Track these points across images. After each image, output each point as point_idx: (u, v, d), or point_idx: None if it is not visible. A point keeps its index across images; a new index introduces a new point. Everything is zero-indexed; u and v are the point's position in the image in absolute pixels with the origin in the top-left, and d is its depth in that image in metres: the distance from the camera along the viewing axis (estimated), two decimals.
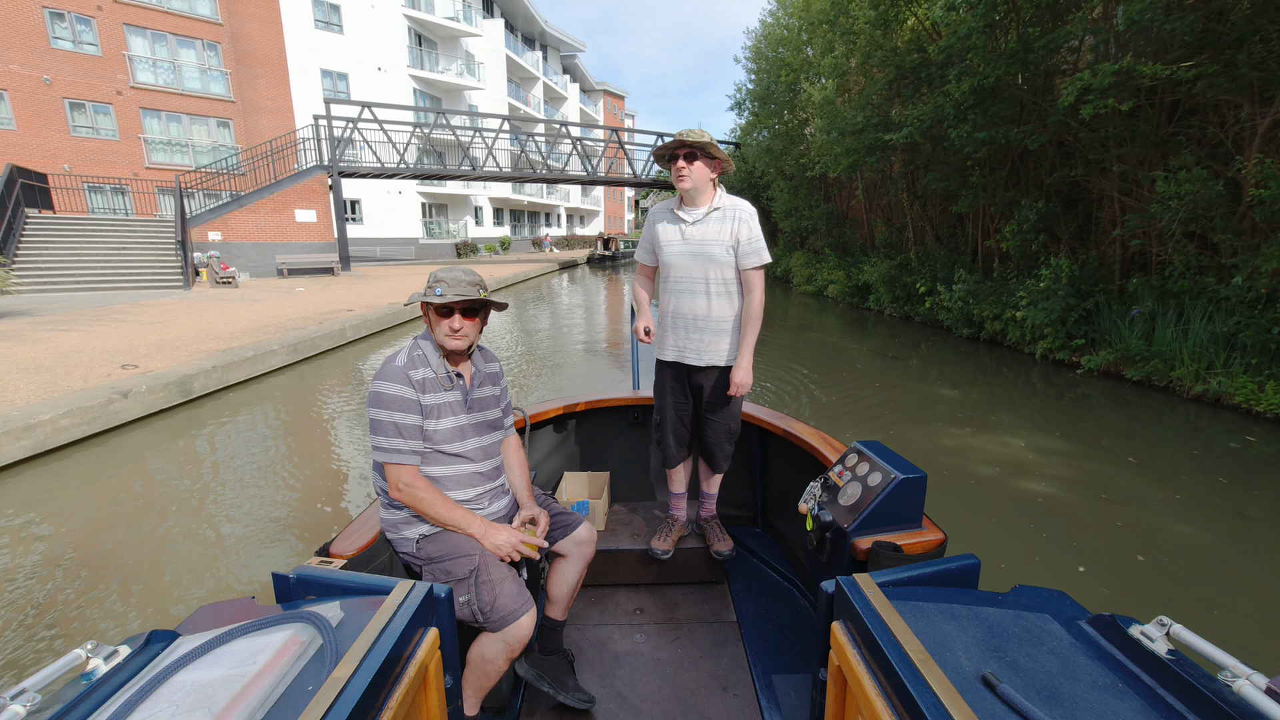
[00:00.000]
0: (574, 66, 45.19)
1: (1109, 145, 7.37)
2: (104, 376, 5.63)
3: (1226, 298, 6.24)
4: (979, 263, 10.27)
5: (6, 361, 6.15)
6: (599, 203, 54.18)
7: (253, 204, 17.02)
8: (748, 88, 20.18)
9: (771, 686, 1.82)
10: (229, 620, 0.99)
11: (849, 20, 10.24)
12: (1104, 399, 6.51)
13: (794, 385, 6.87)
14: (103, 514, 3.76)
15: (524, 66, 34.89)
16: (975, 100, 7.88)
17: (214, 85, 20.86)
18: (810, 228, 17.44)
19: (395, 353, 1.62)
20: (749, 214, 2.05)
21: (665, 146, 2.03)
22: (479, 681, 1.50)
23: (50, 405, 4.69)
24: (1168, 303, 6.98)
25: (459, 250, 29.44)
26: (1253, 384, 5.71)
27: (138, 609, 2.82)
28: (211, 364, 6.35)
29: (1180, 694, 0.80)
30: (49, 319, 9.03)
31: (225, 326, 8.67)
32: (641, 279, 2.28)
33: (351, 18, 24.52)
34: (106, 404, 5.00)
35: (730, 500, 2.65)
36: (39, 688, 0.77)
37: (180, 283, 13.45)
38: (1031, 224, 8.26)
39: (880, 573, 1.13)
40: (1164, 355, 6.65)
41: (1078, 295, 7.77)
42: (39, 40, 17.55)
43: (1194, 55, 6.16)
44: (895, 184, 11.96)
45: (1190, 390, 6.27)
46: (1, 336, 7.40)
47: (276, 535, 3.49)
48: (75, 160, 18.59)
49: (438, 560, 1.55)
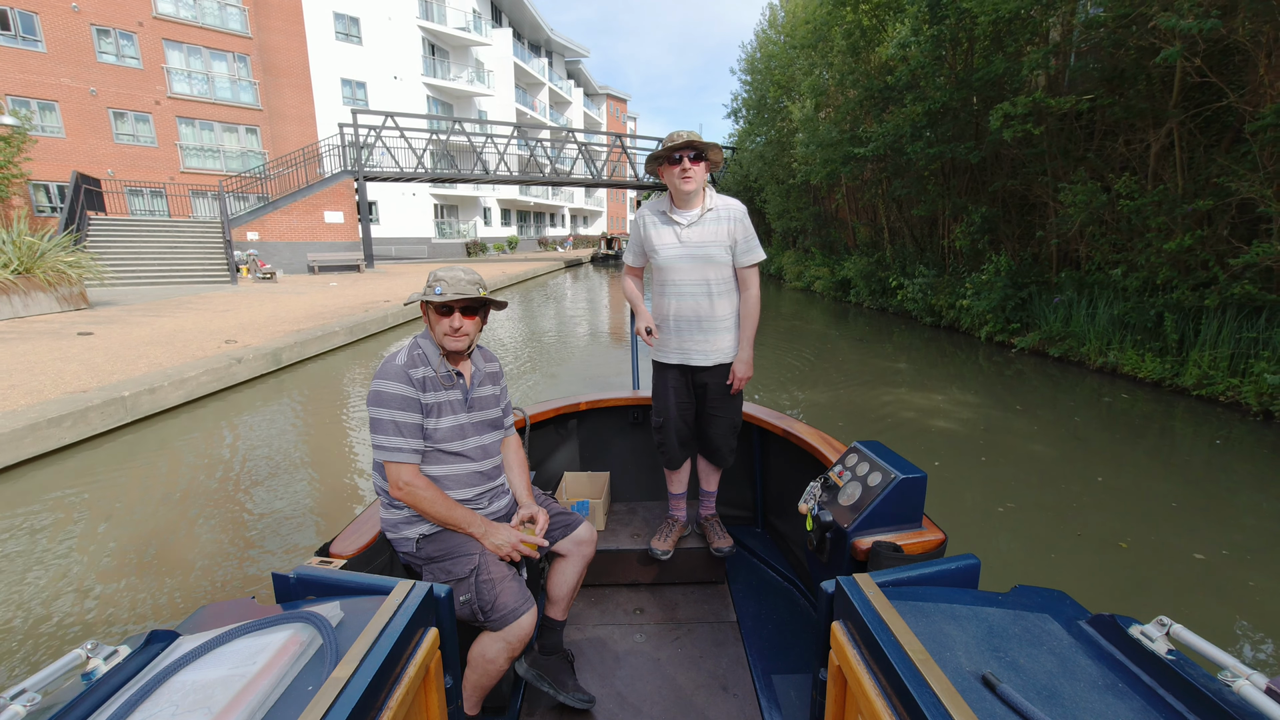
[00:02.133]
0: (578, 71, 46.62)
1: (1040, 160, 8.76)
2: (215, 349, 7.04)
3: (1124, 287, 7.63)
4: (946, 259, 11.67)
5: (133, 339, 7.57)
6: (602, 203, 55.61)
7: (286, 206, 18.47)
8: (743, 96, 21.60)
9: (771, 686, 1.81)
10: (229, 620, 0.99)
11: (827, 45, 11.64)
12: (1032, 372, 7.89)
13: (777, 363, 8.27)
14: (246, 441, 5.18)
15: (530, 73, 36.31)
16: (928, 121, 9.28)
17: (243, 94, 22.28)
18: (800, 228, 18.85)
19: (395, 351, 1.63)
20: (742, 213, 2.08)
21: (673, 146, 1.97)
22: (479, 681, 1.50)
23: (191, 367, 6.11)
24: (1084, 292, 8.35)
25: (469, 249, 30.86)
26: (1136, 356, 7.10)
27: (312, 494, 4.23)
28: (291, 341, 7.77)
29: (1180, 694, 0.80)
30: (134, 308, 10.45)
31: (286, 313, 10.09)
32: (631, 280, 2.29)
33: (370, 29, 25.95)
34: (228, 367, 6.43)
35: (730, 500, 2.66)
36: (39, 688, 0.77)
37: (227, 278, 14.89)
38: (978, 226, 9.66)
39: (880, 573, 1.13)
40: (1076, 335, 8.03)
41: (1014, 286, 9.15)
42: (87, 55, 18.98)
43: (1096, 89, 7.55)
44: (871, 189, 13.37)
45: (1095, 363, 7.65)
46: (111, 320, 8.82)
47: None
48: (117, 166, 20.01)
49: (438, 560, 1.56)
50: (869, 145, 10.12)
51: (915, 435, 5.35)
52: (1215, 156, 6.52)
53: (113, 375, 5.64)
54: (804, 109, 12.64)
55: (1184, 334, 6.68)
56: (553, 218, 46.38)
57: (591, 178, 24.62)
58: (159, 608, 2.84)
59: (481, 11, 31.18)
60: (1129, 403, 6.33)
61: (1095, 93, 7.46)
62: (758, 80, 18.80)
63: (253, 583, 3.04)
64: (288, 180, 20.02)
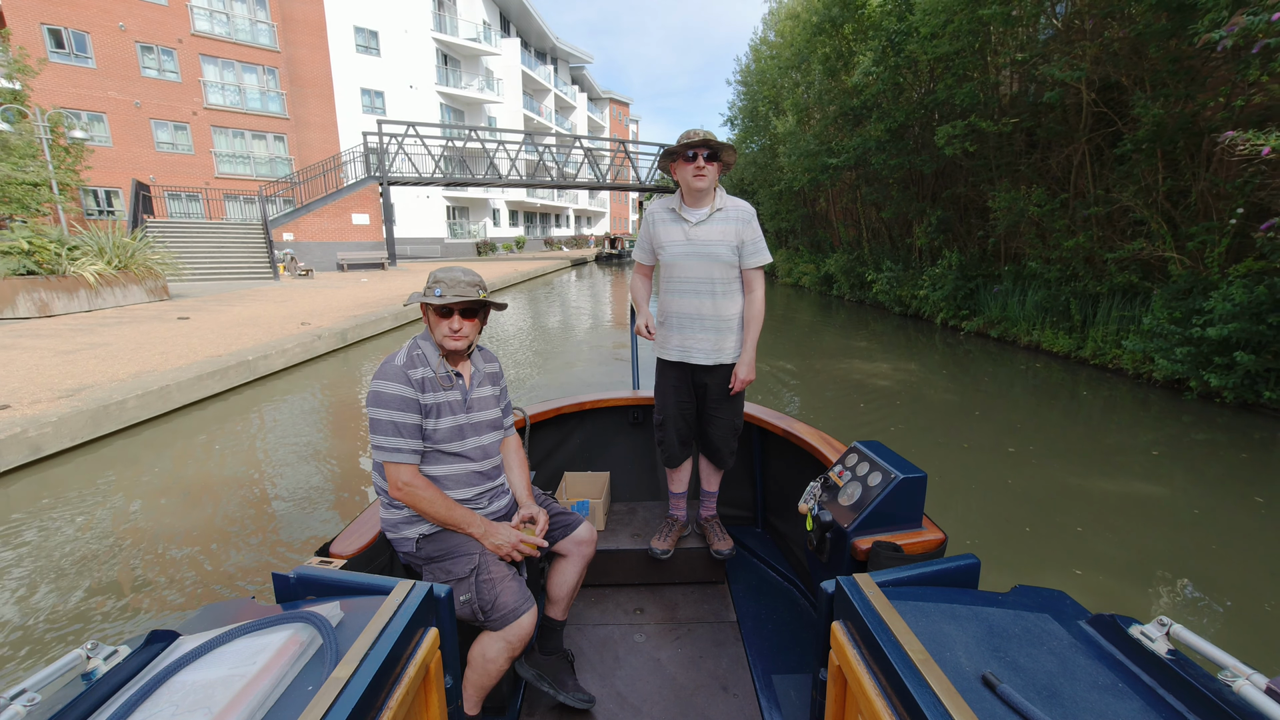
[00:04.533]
0: (582, 77, 48.20)
1: (984, 170, 10.27)
2: (295, 329, 8.60)
3: (1047, 278, 9.14)
4: (910, 256, 13.19)
5: (223, 322, 9.14)
6: (605, 205, 57.23)
7: (318, 209, 20.09)
8: (739, 105, 23.12)
9: (771, 686, 1.82)
10: (229, 620, 0.99)
11: (808, 67, 13.17)
12: (974, 349, 9.41)
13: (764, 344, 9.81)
14: (338, 395, 6.73)
15: (537, 79, 37.89)
16: (890, 137, 10.81)
17: (271, 104, 23.88)
18: (790, 229, 20.39)
19: (395, 352, 1.62)
20: (751, 215, 2.09)
21: (689, 143, 1.96)
22: (480, 681, 1.50)
23: (285, 341, 7.67)
24: (1019, 283, 9.87)
25: (479, 249, 32.44)
26: (1053, 334, 8.61)
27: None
28: (352, 324, 9.33)
29: (1180, 694, 0.80)
30: (206, 299, 12.03)
31: (335, 304, 11.66)
32: (640, 278, 2.28)
33: (388, 42, 27.56)
34: (310, 342, 7.99)
35: (730, 500, 2.66)
36: (39, 688, 0.77)
37: (270, 274, 16.48)
38: (934, 227, 11.18)
39: (880, 572, 1.13)
40: (1010, 319, 9.55)
41: (964, 279, 10.67)
42: (132, 70, 20.59)
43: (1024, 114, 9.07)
44: (849, 194, 14.91)
45: (1023, 341, 9.17)
46: (196, 309, 10.40)
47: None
48: (158, 172, 21.62)
49: (438, 559, 1.57)
50: (841, 157, 11.67)
51: (857, 388, 6.89)
52: (1109, 171, 8.04)
53: (229, 347, 7.20)
54: (787, 124, 14.20)
55: (1085, 315, 8.20)
56: (558, 218, 47.98)
57: (596, 180, 26.17)
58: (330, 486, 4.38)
59: (491, 22, 32.76)
60: (1042, 371, 7.86)
61: (1021, 116, 8.98)
62: (750, 91, 20.37)
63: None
64: (315, 185, 21.61)
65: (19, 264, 8.58)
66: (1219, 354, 5.97)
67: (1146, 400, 6.44)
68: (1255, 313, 5.66)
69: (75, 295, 9.34)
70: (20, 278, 8.61)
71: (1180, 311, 6.46)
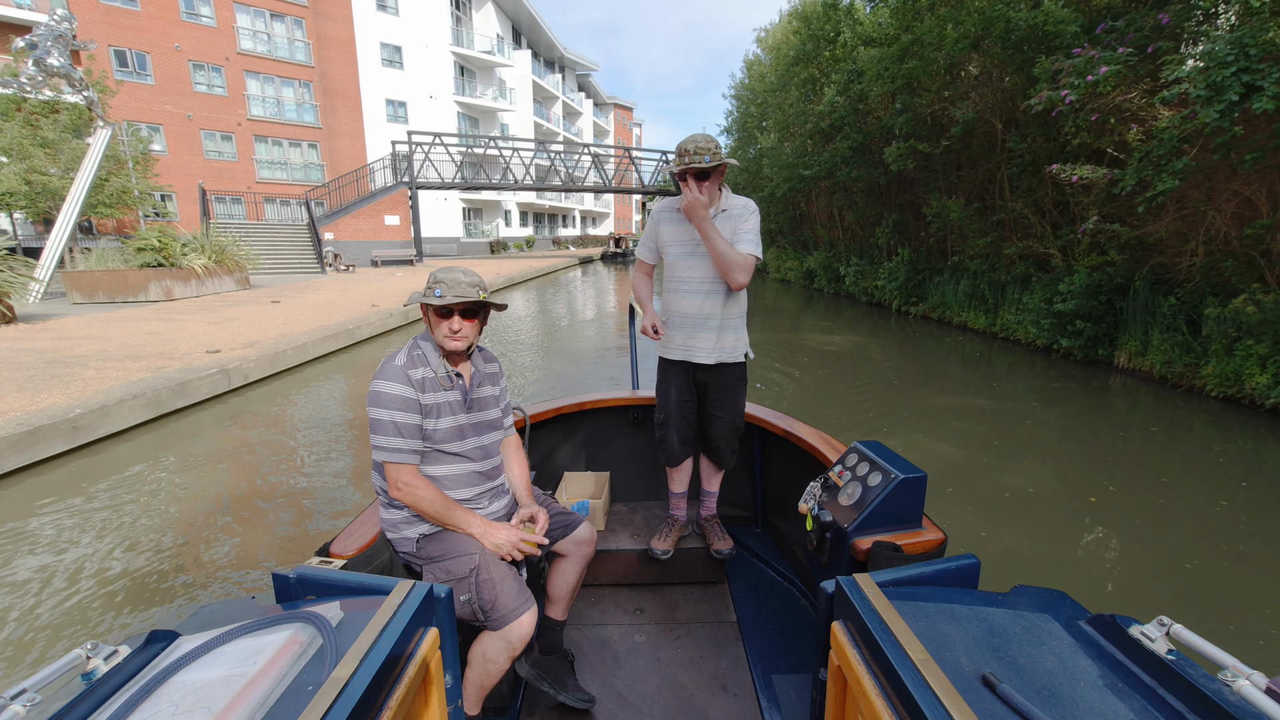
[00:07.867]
0: (588, 84, 50.42)
1: (928, 182, 12.41)
2: (367, 309, 10.78)
3: (973, 270, 11.27)
4: (873, 253, 15.34)
5: (306, 305, 11.31)
6: (609, 206, 59.52)
7: (355, 211, 22.37)
8: (734, 116, 25.33)
9: (771, 686, 1.82)
10: (229, 620, 0.99)
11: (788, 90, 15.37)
12: (917, 328, 11.55)
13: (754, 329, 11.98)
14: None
15: (546, 88, 40.11)
16: (853, 153, 12.98)
17: (306, 115, 26.12)
18: (778, 229, 22.55)
19: (395, 352, 1.63)
20: (748, 209, 2.10)
21: (682, 169, 1.99)
22: (480, 681, 1.51)
23: (368, 318, 9.85)
24: (955, 275, 12.00)
25: (493, 247, 34.68)
26: (975, 315, 10.74)
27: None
28: (407, 306, 11.51)
29: (1180, 694, 0.80)
30: (279, 289, 14.23)
31: (384, 292, 13.84)
32: (642, 276, 2.29)
33: (410, 56, 29.82)
34: (383, 319, 10.18)
35: (730, 500, 2.67)
36: (39, 688, 0.77)
37: (319, 269, 18.70)
38: (891, 228, 13.34)
39: (880, 572, 1.13)
40: (947, 304, 11.68)
41: (914, 271, 12.82)
42: (185, 85, 22.85)
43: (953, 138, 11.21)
44: (825, 200, 17.07)
45: (955, 321, 11.30)
46: (280, 296, 12.60)
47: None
48: (207, 178, 23.85)
49: (438, 559, 1.58)
50: (813, 169, 13.84)
51: (810, 351, 9.03)
52: (1016, 185, 10.18)
53: (326, 321, 9.37)
54: (769, 140, 16.39)
55: (996, 300, 10.33)
56: (565, 219, 50.23)
57: (602, 184, 28.35)
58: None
59: (504, 35, 34.99)
60: (965, 343, 9.99)
61: (953, 141, 11.12)
62: (743, 108, 22.57)
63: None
64: (348, 190, 23.86)
65: (151, 258, 10.78)
66: (1070, 324, 8.11)
67: (1032, 362, 8.56)
68: (1092, 293, 7.81)
69: (188, 284, 11.54)
70: (151, 269, 10.81)
71: (1048, 294, 8.60)
